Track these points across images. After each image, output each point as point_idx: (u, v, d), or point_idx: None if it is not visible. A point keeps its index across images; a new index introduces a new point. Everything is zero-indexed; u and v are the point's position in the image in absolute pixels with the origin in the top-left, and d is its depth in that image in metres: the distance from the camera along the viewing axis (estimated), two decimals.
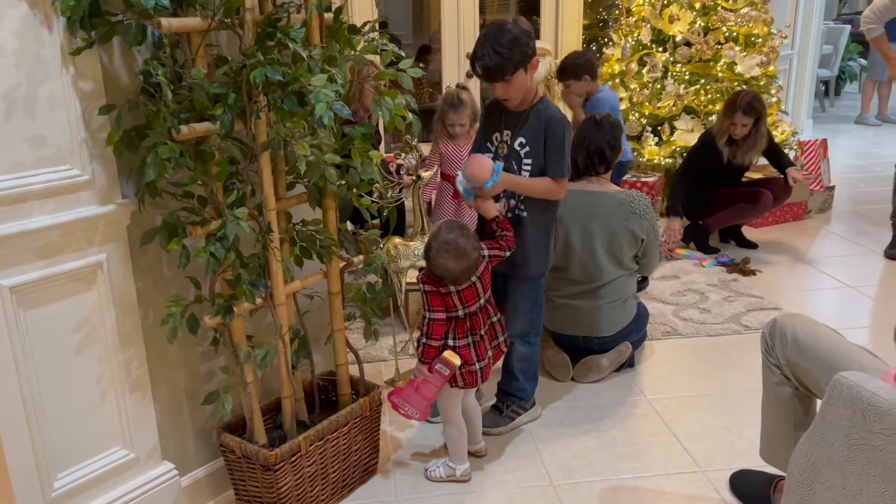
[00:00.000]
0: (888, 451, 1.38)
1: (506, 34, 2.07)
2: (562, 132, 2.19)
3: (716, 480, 2.23)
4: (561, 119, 2.21)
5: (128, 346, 1.86)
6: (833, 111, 9.05)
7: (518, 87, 2.15)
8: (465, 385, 2.15)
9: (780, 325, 1.88)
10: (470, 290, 2.09)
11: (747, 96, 3.88)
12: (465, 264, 2.03)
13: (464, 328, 2.12)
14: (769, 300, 3.56)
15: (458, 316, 2.11)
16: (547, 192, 2.25)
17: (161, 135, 1.63)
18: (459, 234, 2.03)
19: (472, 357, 2.13)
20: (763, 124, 3.93)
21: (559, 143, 2.19)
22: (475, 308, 2.12)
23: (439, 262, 2.03)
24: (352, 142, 1.99)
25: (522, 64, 2.10)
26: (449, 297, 2.08)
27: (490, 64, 2.08)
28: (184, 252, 1.76)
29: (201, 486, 2.15)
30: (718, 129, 3.98)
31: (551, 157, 2.21)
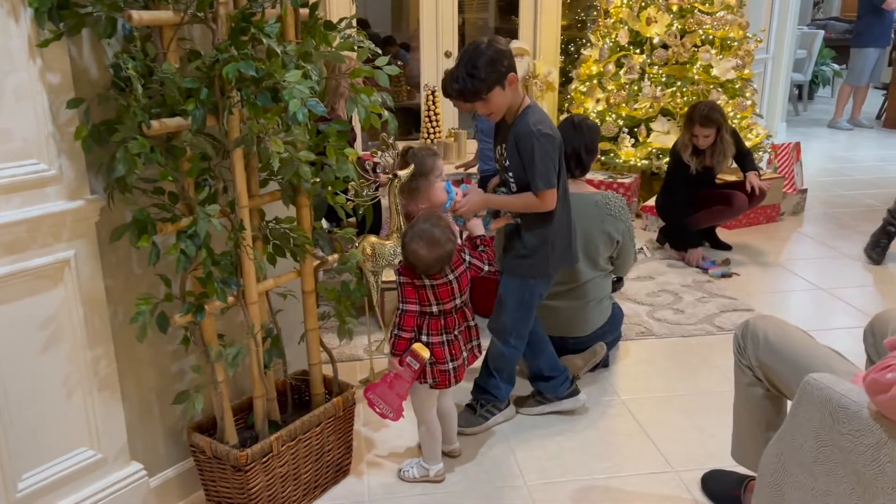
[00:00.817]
0: (856, 453, 1.39)
1: (480, 56, 2.10)
2: (530, 145, 2.15)
3: (688, 480, 2.24)
4: (529, 133, 2.15)
5: (96, 345, 1.83)
6: (806, 115, 9.17)
7: (497, 105, 2.17)
8: (435, 384, 2.14)
9: (753, 326, 1.90)
10: (445, 287, 2.08)
11: (703, 108, 3.91)
12: (437, 253, 2.02)
13: (438, 325, 2.11)
14: (742, 301, 3.59)
15: (432, 312, 2.10)
16: (526, 206, 2.24)
17: (131, 129, 1.60)
18: (434, 224, 2.05)
19: (444, 355, 2.11)
20: (725, 132, 3.94)
21: (530, 156, 2.16)
22: (450, 307, 2.11)
23: (412, 248, 2.03)
24: (327, 139, 1.97)
25: (498, 83, 2.12)
26: (423, 291, 2.07)
27: (465, 87, 2.12)
28: (154, 249, 1.73)
29: (171, 486, 2.12)
30: (682, 142, 4.02)
31: (528, 171, 2.18)
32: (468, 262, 2.16)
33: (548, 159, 2.17)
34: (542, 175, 2.17)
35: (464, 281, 2.13)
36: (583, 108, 5.12)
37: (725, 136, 3.94)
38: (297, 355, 2.31)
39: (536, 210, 2.24)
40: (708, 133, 3.90)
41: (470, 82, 2.10)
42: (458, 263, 2.12)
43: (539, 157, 2.15)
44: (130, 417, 1.97)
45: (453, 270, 2.10)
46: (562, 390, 2.56)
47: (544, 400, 2.56)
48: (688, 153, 3.98)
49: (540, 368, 2.55)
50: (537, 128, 2.16)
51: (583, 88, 5.20)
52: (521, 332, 2.43)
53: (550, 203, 2.21)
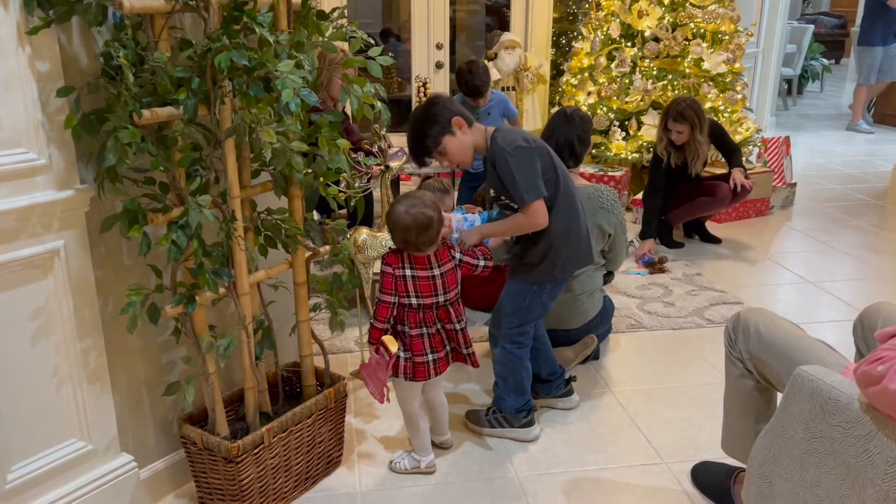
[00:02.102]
0: (846, 444, 1.40)
1: (417, 120, 2.21)
2: (505, 162, 2.12)
3: (678, 472, 2.26)
4: (500, 151, 2.14)
5: (86, 336, 1.81)
6: (795, 109, 9.21)
7: (457, 150, 2.20)
8: (412, 377, 2.10)
9: (744, 319, 1.91)
10: (427, 281, 2.04)
11: (680, 104, 3.93)
12: (417, 214, 1.97)
13: (416, 318, 2.08)
14: (732, 294, 3.61)
15: (410, 304, 2.06)
16: (519, 227, 2.20)
17: (122, 119, 1.58)
18: (420, 195, 2.06)
19: (423, 347, 2.08)
20: (699, 133, 3.95)
21: (508, 174, 2.12)
22: (430, 302, 2.06)
23: (395, 211, 2.00)
24: (319, 130, 1.96)
25: (443, 133, 2.17)
26: (402, 282, 2.04)
27: (416, 150, 2.22)
28: (145, 240, 1.72)
29: (161, 478, 2.11)
30: (658, 134, 4.06)
31: (511, 189, 2.14)
32: (458, 259, 2.12)
33: (527, 169, 2.12)
34: (525, 187, 2.11)
35: (450, 278, 2.08)
36: (574, 101, 5.11)
37: (699, 136, 3.96)
38: (289, 347, 2.31)
39: (528, 230, 2.20)
40: (681, 129, 3.93)
41: (418, 144, 2.20)
42: (445, 258, 2.09)
43: (517, 170, 2.11)
44: (120, 409, 1.96)
45: (440, 265, 2.06)
46: (556, 391, 2.56)
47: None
48: (662, 146, 4.03)
49: (538, 370, 2.52)
50: (508, 145, 2.14)
51: (574, 81, 5.20)
52: (516, 339, 2.35)
53: (540, 216, 2.15)
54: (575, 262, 2.37)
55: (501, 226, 2.24)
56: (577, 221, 2.31)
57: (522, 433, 2.42)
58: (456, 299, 2.12)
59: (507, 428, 2.42)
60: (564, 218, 2.25)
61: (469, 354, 2.17)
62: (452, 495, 2.16)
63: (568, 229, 2.27)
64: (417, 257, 2.04)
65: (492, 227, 2.25)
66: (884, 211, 5.04)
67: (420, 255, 2.05)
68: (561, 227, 2.24)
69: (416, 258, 2.04)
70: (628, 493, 2.17)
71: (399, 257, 2.05)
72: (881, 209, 5.07)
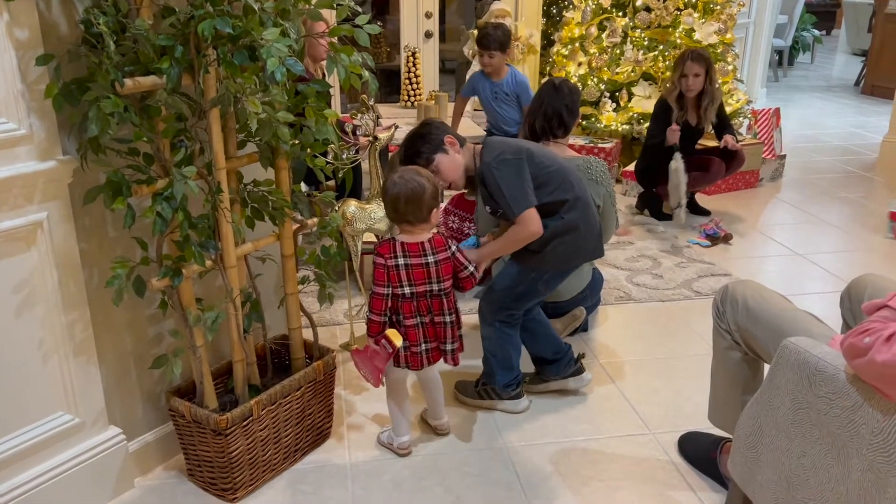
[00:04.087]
0: (831, 415, 1.42)
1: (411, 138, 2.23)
2: (491, 177, 2.14)
3: (665, 442, 2.28)
4: (485, 168, 2.16)
5: (71, 309, 1.80)
6: (786, 81, 9.19)
7: (450, 168, 2.21)
8: (408, 367, 2.09)
9: (732, 291, 1.91)
10: (420, 268, 2.01)
11: (694, 50, 3.98)
12: (410, 178, 1.97)
13: (410, 308, 2.04)
14: (720, 266, 3.62)
15: (404, 294, 2.03)
16: (517, 240, 2.18)
17: (104, 88, 1.55)
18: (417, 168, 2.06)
19: (418, 337, 2.07)
20: (714, 76, 4.00)
21: (495, 188, 2.14)
22: (423, 290, 2.03)
23: (389, 182, 2.00)
24: (306, 100, 1.93)
25: (437, 150, 2.19)
26: (395, 271, 2.01)
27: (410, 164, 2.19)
28: (129, 211, 1.69)
29: (150, 450, 2.11)
30: (668, 89, 4.04)
31: (501, 203, 2.16)
32: (454, 251, 2.06)
33: (513, 181, 2.13)
34: (513, 199, 2.12)
35: (445, 267, 2.03)
36: (564, 72, 5.07)
37: (714, 78, 3.99)
38: (277, 319, 2.30)
39: (527, 240, 2.17)
40: (699, 71, 3.92)
41: (409, 162, 2.19)
42: (440, 246, 2.03)
43: (503, 183, 2.13)
44: (108, 382, 1.95)
45: (434, 252, 2.02)
46: (566, 370, 2.50)
47: (548, 378, 2.50)
48: (674, 96, 4.00)
49: (542, 352, 2.50)
50: (492, 160, 2.16)
51: (565, 52, 5.15)
52: (503, 318, 2.33)
53: (533, 224, 2.14)
54: (580, 257, 2.36)
55: (500, 243, 2.23)
56: (587, 216, 2.29)
57: (511, 405, 2.43)
58: (450, 290, 2.07)
59: (496, 400, 2.43)
60: (574, 212, 2.24)
61: (452, 351, 2.11)
62: (441, 466, 2.17)
63: (576, 223, 2.25)
64: (410, 244, 2.01)
65: (491, 248, 2.24)
66: (872, 183, 5.05)
67: (413, 240, 2.01)
68: (568, 219, 2.23)
69: (409, 245, 2.01)
70: (615, 463, 2.19)
71: (391, 246, 2.01)
72: (870, 181, 5.08)
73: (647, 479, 2.12)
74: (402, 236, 2.02)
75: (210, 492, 2.04)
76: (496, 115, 4.18)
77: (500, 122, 4.18)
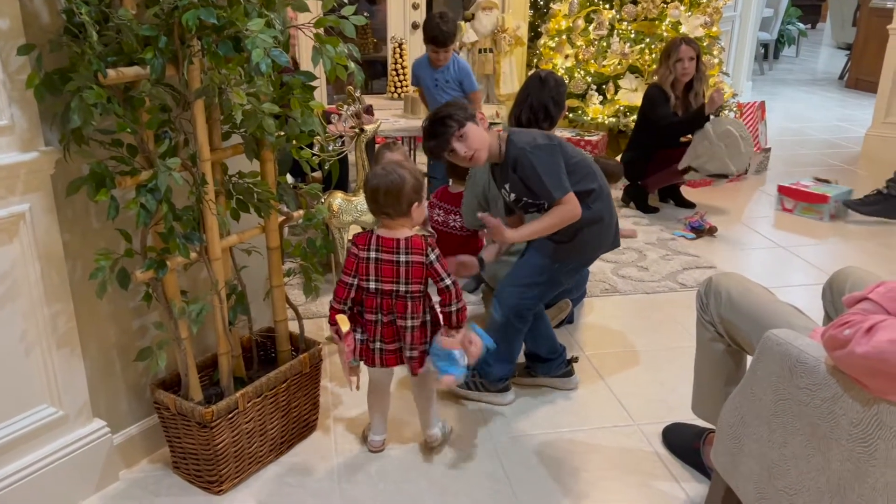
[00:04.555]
0: (812, 406, 1.43)
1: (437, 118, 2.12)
2: (527, 160, 2.09)
3: (649, 433, 2.30)
4: (520, 152, 2.10)
5: (54, 301, 1.79)
6: (771, 74, 9.24)
7: (476, 140, 2.10)
8: (364, 360, 2.06)
9: (715, 283, 1.93)
10: (389, 265, 1.96)
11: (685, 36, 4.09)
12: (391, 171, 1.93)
13: (373, 303, 2.00)
14: (705, 259, 3.65)
15: (369, 288, 1.99)
16: (561, 221, 2.13)
17: (86, 78, 1.54)
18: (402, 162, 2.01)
19: (373, 334, 2.03)
20: (702, 61, 4.09)
21: (531, 173, 2.09)
22: (389, 289, 1.97)
23: (371, 170, 1.98)
24: (291, 91, 1.92)
25: (469, 119, 2.10)
26: (363, 264, 1.98)
27: (434, 131, 2.11)
28: (113, 203, 1.68)
29: (135, 443, 2.10)
30: (662, 76, 4.05)
31: (538, 189, 2.10)
32: (431, 260, 1.96)
33: (550, 166, 2.09)
34: (552, 185, 2.08)
35: (415, 271, 1.95)
36: (551, 64, 5.08)
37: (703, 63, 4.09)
38: (263, 312, 2.29)
39: (568, 222, 2.14)
40: (692, 55, 3.99)
41: (440, 123, 2.10)
42: (417, 248, 1.95)
43: (542, 168, 2.08)
44: (92, 374, 1.94)
45: (408, 252, 1.95)
46: (555, 371, 2.50)
47: (537, 375, 2.50)
48: (669, 81, 4.05)
49: (538, 350, 2.49)
50: (527, 145, 2.11)
51: (552, 44, 5.16)
52: (521, 312, 2.29)
53: (577, 207, 2.12)
54: (603, 247, 2.34)
55: (541, 224, 2.15)
56: (609, 207, 2.28)
57: (498, 398, 2.44)
58: (418, 296, 1.98)
59: (483, 392, 2.44)
60: (599, 202, 2.23)
61: (411, 358, 2.04)
62: (427, 458, 2.18)
63: (601, 213, 2.24)
64: (385, 239, 1.96)
65: (532, 228, 2.16)
66: (856, 176, 5.09)
67: (389, 235, 1.96)
68: (595, 209, 2.22)
69: (384, 240, 1.96)
70: (600, 454, 2.21)
71: (367, 239, 1.98)
72: (853, 174, 5.13)
73: (631, 469, 2.14)
74: (381, 230, 1.98)
75: (196, 484, 2.04)
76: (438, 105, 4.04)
77: None
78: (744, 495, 1.68)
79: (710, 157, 3.95)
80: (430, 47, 3.85)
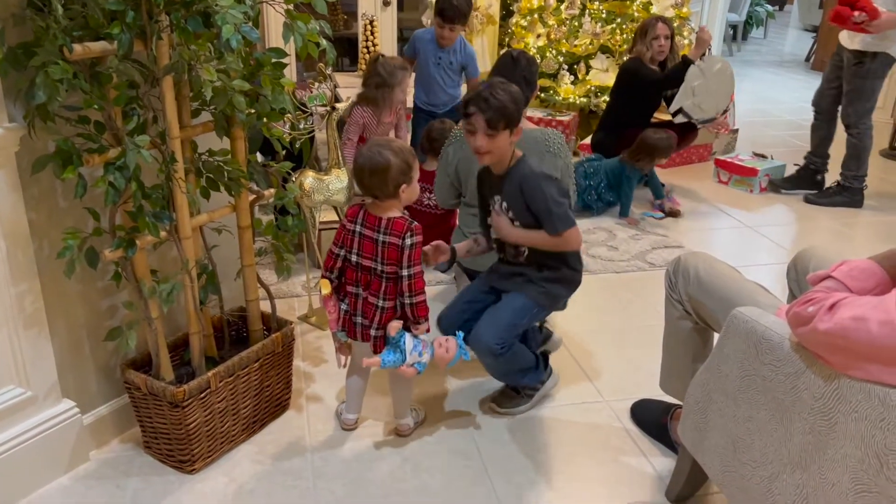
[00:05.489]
0: (776, 381, 1.47)
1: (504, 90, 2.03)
2: (538, 188, 2.05)
3: (618, 409, 2.34)
4: (535, 175, 2.07)
5: (20, 281, 1.76)
6: (739, 55, 9.32)
7: (499, 145, 2.04)
8: (346, 331, 2.07)
9: (684, 263, 1.96)
10: (370, 242, 1.96)
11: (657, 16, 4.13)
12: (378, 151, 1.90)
13: (353, 276, 2.02)
14: (673, 238, 3.70)
15: (350, 260, 2.01)
16: (554, 245, 2.10)
17: (51, 53, 1.50)
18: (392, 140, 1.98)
19: (354, 308, 2.04)
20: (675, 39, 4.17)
21: (541, 200, 2.05)
22: (368, 264, 1.98)
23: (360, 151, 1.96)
24: (262, 68, 1.90)
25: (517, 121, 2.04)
26: (350, 236, 2.00)
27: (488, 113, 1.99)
28: (80, 181, 1.65)
29: (105, 423, 2.09)
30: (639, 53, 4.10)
31: (542, 216, 2.06)
32: (405, 244, 1.93)
33: (560, 200, 2.07)
34: (560, 218, 2.05)
35: (390, 252, 1.94)
36: (523, 44, 5.07)
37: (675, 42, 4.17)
38: (235, 291, 2.28)
39: (562, 248, 2.12)
40: (668, 33, 4.05)
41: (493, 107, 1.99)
42: (397, 229, 1.93)
43: (552, 200, 2.05)
44: (61, 355, 1.92)
45: (387, 233, 1.94)
46: (543, 374, 2.37)
47: (533, 391, 2.36)
48: (647, 58, 4.07)
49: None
50: (540, 170, 2.10)
51: (524, 23, 5.14)
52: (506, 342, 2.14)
53: (571, 244, 2.11)
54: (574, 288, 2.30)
55: (542, 239, 2.10)
56: None
57: (550, 385, 2.41)
58: (392, 277, 1.97)
59: (541, 389, 2.37)
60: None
61: (375, 338, 2.02)
62: (400, 436, 2.20)
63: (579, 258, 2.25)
64: (370, 216, 1.97)
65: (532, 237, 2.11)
66: None
67: (375, 213, 1.97)
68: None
69: (369, 216, 1.97)
70: (570, 430, 2.25)
71: (356, 212, 2.00)
72: None
73: (600, 445, 2.18)
74: (370, 206, 1.99)
75: (167, 464, 2.03)
76: (431, 85, 3.78)
77: (432, 94, 3.81)
78: (709, 468, 1.72)
79: (705, 93, 4.00)
80: (436, 20, 3.60)
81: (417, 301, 1.98)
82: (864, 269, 1.41)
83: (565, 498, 1.97)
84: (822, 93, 4.28)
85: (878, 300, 1.27)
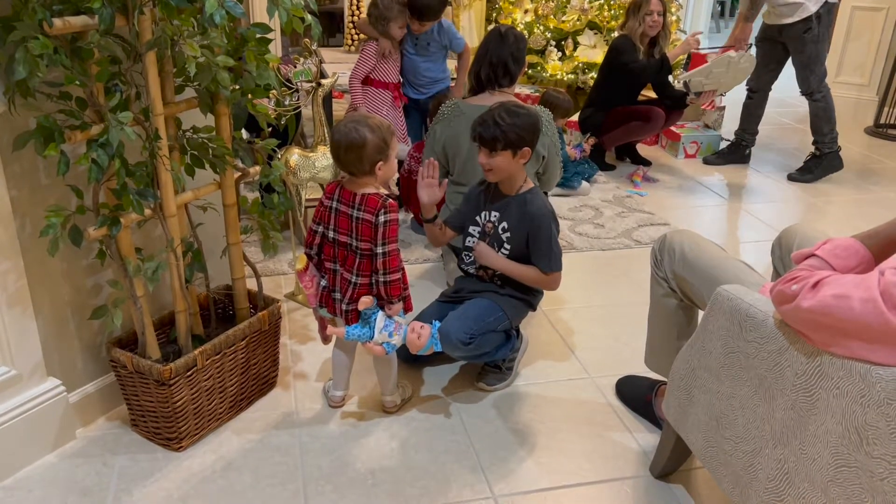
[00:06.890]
0: (759, 359, 1.49)
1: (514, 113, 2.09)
2: (547, 228, 2.16)
3: (603, 386, 2.36)
4: (545, 214, 2.17)
5: (3, 259, 1.74)
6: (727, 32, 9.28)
7: (507, 166, 2.12)
8: (324, 307, 2.08)
9: (669, 240, 1.97)
10: (345, 218, 1.96)
11: None
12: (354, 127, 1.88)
13: (330, 252, 2.03)
14: (659, 216, 3.71)
15: (327, 236, 2.02)
16: (537, 281, 2.24)
17: (31, 28, 1.47)
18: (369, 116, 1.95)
19: (333, 284, 2.05)
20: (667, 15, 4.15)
21: (545, 239, 2.17)
22: (343, 240, 1.98)
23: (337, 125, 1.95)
24: (246, 43, 1.87)
25: (529, 143, 2.11)
26: (327, 213, 2.00)
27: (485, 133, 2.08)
28: (62, 158, 1.63)
29: (91, 401, 2.08)
30: (631, 28, 4.07)
31: (538, 253, 2.19)
32: (378, 222, 1.91)
33: (557, 243, 2.20)
34: (556, 258, 2.19)
35: (364, 229, 1.93)
36: (511, 19, 5.03)
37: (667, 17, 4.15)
38: (221, 269, 2.27)
39: (544, 287, 2.29)
40: (661, 9, 4.04)
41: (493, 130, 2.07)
42: (371, 206, 1.92)
43: (554, 241, 2.19)
44: (45, 333, 1.91)
45: (361, 209, 1.93)
46: (516, 342, 2.38)
47: (511, 362, 2.39)
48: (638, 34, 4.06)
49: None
50: (550, 210, 2.20)
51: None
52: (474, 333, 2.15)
53: (558, 283, 2.24)
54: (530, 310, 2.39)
55: (522, 271, 2.22)
56: None
57: (524, 348, 2.50)
58: (367, 254, 1.97)
59: (516, 358, 2.43)
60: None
61: (346, 312, 2.03)
62: (387, 413, 2.21)
63: None
64: (345, 191, 1.97)
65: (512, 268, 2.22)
66: (805, 135, 5.19)
67: (351, 188, 1.96)
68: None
69: (345, 192, 1.97)
70: (556, 406, 2.27)
71: (333, 188, 2.00)
72: (803, 133, 5.23)
73: (586, 421, 2.20)
74: (347, 182, 1.99)
75: (155, 441, 2.04)
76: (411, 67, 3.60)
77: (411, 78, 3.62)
78: (693, 444, 1.75)
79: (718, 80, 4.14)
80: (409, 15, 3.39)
81: (391, 280, 1.97)
82: (848, 247, 1.43)
83: (551, 472, 1.99)
84: (759, 76, 4.36)
85: (861, 278, 1.28)
